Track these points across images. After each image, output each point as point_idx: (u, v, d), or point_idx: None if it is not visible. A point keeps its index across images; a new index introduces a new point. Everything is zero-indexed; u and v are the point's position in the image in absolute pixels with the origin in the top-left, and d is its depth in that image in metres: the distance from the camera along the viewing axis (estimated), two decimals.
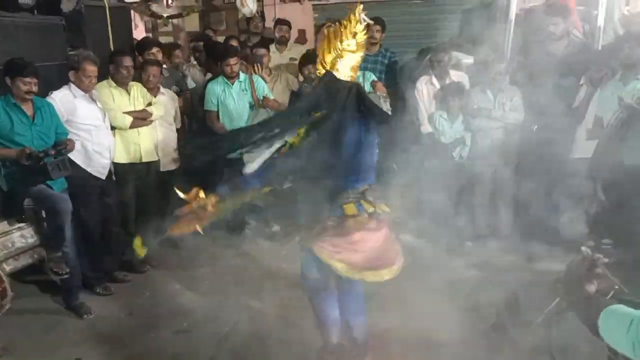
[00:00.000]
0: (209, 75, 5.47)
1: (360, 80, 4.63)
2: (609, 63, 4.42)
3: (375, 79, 5.04)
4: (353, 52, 2.64)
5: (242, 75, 5.06)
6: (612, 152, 3.47)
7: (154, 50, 5.01)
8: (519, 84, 4.77)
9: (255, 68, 5.28)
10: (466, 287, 4.04)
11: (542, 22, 4.90)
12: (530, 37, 5.49)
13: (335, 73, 2.61)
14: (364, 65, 5.55)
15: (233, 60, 4.94)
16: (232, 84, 5.00)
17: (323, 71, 2.65)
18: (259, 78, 5.18)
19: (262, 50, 5.40)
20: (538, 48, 4.96)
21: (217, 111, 5.02)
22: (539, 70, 4.81)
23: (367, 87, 4.80)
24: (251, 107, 5.09)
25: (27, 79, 3.56)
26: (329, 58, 2.63)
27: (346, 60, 2.63)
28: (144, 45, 5.14)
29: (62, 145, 3.68)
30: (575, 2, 5.29)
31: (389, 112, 4.07)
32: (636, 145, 3.28)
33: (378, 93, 4.39)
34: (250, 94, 5.05)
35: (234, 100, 5.00)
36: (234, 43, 6.02)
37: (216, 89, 5.01)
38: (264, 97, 5.02)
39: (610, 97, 4.09)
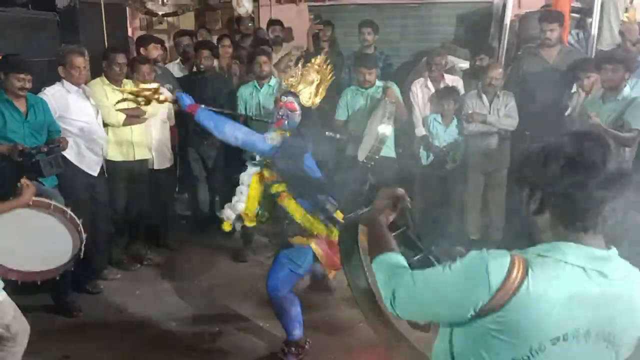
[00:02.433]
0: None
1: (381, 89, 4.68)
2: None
3: (394, 87, 4.85)
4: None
5: (273, 80, 4.87)
6: None
7: (151, 46, 4.99)
8: (512, 90, 4.79)
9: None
10: None
11: (538, 28, 4.93)
12: (524, 43, 5.54)
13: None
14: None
15: (263, 59, 4.81)
16: (261, 88, 4.84)
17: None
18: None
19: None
20: (532, 54, 5.00)
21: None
22: (532, 76, 4.86)
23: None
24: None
25: (21, 75, 3.53)
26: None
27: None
28: (142, 41, 5.13)
29: (55, 143, 3.65)
30: (570, 9, 5.32)
31: (391, 116, 4.12)
32: None
33: (387, 99, 4.36)
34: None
35: (259, 104, 4.82)
36: (227, 42, 6.00)
37: (244, 92, 4.87)
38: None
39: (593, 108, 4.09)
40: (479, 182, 4.86)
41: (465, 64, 5.57)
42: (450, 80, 5.05)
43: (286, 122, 3.19)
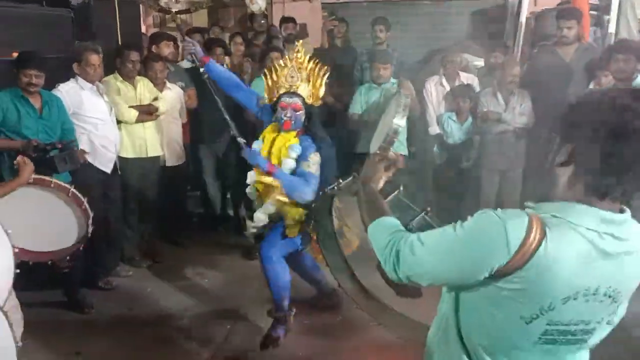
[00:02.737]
0: None
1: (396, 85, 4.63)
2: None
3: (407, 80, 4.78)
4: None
5: None
6: None
7: (162, 44, 4.99)
8: (528, 88, 4.72)
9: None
10: None
11: (554, 26, 4.86)
12: (540, 41, 5.47)
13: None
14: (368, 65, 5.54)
15: (275, 55, 4.78)
16: None
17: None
18: None
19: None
20: (548, 52, 4.93)
21: None
22: (548, 74, 4.79)
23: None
24: None
25: (29, 71, 3.54)
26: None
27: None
28: (154, 38, 5.13)
29: (70, 142, 3.64)
30: (589, 7, 5.25)
31: (405, 108, 4.07)
32: None
33: (402, 91, 4.31)
34: None
35: None
36: (239, 40, 5.99)
37: (256, 90, 4.88)
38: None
39: None
40: (493, 182, 4.80)
41: (479, 62, 5.52)
42: (466, 78, 5.01)
43: (293, 122, 3.24)
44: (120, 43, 4.74)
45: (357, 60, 5.76)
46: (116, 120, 4.25)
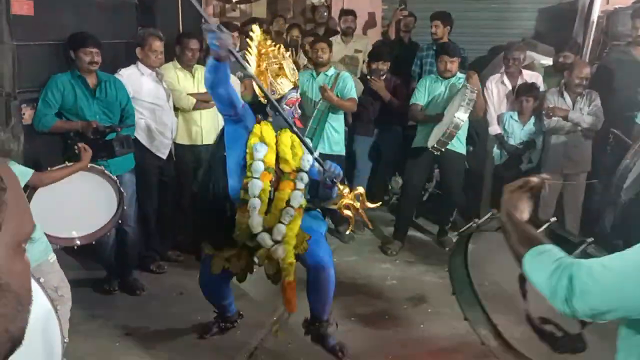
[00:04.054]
0: None
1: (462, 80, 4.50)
2: None
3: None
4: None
5: (332, 70, 4.79)
6: None
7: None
8: (597, 89, 4.48)
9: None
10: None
11: (628, 25, 4.60)
12: (612, 41, 5.20)
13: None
14: (430, 61, 5.41)
15: (321, 45, 4.73)
16: (317, 75, 4.78)
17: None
18: (349, 76, 4.78)
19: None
20: (621, 52, 4.68)
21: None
22: (620, 76, 4.54)
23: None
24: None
25: (89, 49, 3.62)
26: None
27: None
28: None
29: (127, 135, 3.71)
30: None
31: (470, 102, 3.92)
32: None
33: (469, 86, 4.16)
34: (337, 90, 4.64)
35: (312, 92, 4.76)
36: (296, 33, 5.95)
37: (302, 79, 4.70)
38: (320, 86, 4.63)
39: None
40: (556, 186, 4.59)
41: (546, 61, 5.28)
42: (529, 76, 4.80)
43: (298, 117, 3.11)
44: (181, 31, 4.79)
45: (417, 55, 5.63)
46: (173, 107, 4.29)
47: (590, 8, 5.54)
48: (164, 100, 4.17)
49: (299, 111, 3.12)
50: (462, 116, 3.87)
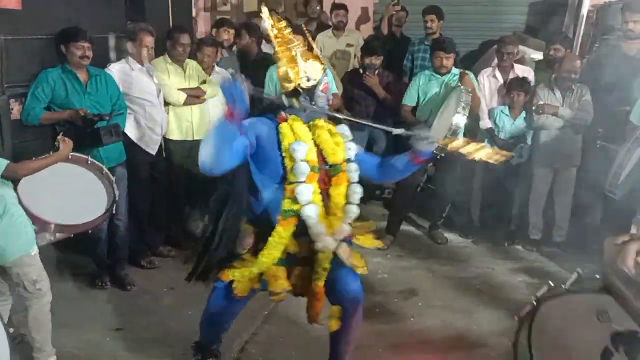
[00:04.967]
0: None
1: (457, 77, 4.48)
2: None
3: (471, 75, 4.64)
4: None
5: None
6: None
7: (222, 30, 5.04)
8: (587, 84, 4.50)
9: None
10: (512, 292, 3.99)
11: (618, 19, 4.61)
12: (602, 35, 5.21)
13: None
14: (422, 56, 5.41)
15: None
16: None
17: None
18: (328, 71, 4.71)
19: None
20: (611, 46, 4.69)
21: None
22: (610, 70, 4.55)
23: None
24: None
25: (80, 44, 3.60)
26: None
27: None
28: (218, 23, 5.23)
29: (116, 123, 3.69)
30: None
31: (466, 106, 3.87)
32: None
33: (463, 87, 4.14)
34: None
35: None
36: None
37: (274, 74, 4.85)
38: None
39: None
40: (545, 180, 4.62)
41: (537, 55, 5.29)
42: (521, 70, 4.81)
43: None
44: (171, 25, 4.77)
45: (408, 49, 5.63)
46: (164, 102, 4.28)
47: (581, 2, 5.57)
48: (154, 96, 4.15)
49: (331, 97, 2.82)
50: (459, 123, 3.87)
